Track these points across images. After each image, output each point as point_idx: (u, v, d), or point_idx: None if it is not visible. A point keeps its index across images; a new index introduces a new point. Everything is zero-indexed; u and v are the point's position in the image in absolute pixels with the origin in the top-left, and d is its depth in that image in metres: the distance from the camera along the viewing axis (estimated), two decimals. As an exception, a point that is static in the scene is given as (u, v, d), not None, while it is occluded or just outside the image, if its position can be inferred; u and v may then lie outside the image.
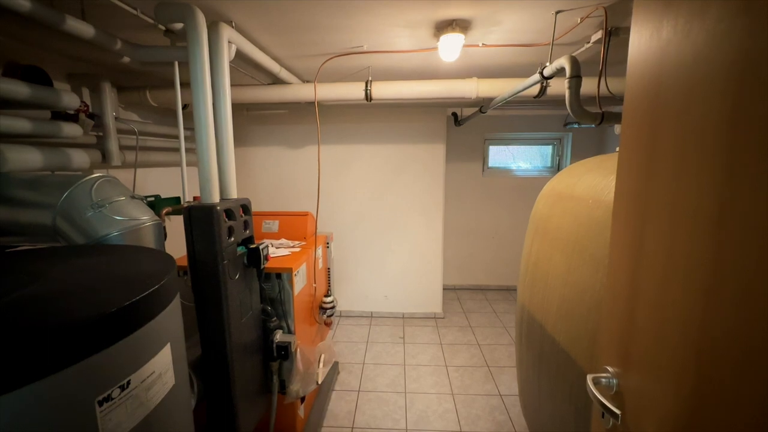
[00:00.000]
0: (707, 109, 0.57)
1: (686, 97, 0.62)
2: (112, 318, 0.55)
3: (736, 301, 0.51)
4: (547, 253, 1.49)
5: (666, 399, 0.64)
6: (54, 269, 0.73)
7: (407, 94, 2.29)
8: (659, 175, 0.68)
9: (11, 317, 0.51)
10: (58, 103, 1.32)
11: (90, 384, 0.51)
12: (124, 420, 0.56)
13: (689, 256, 0.59)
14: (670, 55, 0.65)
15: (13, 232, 1.21)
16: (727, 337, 0.52)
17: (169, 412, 0.68)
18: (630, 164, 0.78)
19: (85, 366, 0.50)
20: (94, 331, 0.52)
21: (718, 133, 0.54)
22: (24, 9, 1.03)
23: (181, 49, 1.51)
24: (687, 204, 0.60)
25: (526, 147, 4.28)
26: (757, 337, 0.47)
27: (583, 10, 1.45)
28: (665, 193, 0.66)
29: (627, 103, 0.78)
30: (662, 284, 0.66)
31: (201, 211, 1.27)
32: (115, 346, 0.55)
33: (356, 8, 1.48)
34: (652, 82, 0.70)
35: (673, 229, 0.64)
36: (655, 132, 0.69)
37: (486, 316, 3.66)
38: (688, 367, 0.60)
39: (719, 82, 0.55)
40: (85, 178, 1.10)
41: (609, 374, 0.80)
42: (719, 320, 0.53)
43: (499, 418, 2.24)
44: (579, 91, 1.40)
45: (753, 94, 0.49)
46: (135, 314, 0.59)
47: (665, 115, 0.67)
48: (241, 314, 1.47)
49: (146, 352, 0.61)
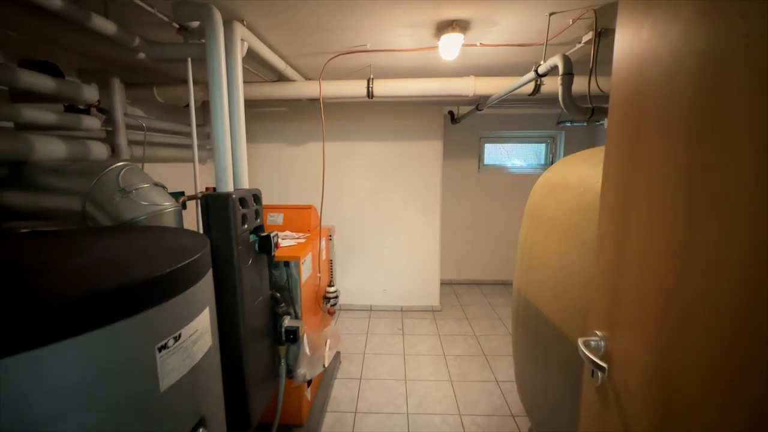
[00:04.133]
0: (679, 104, 0.66)
1: (662, 93, 0.71)
2: (166, 278, 0.63)
3: (703, 270, 0.59)
4: (541, 240, 1.59)
5: (645, 354, 0.74)
6: (99, 243, 0.80)
7: (407, 92, 2.38)
8: (640, 164, 0.77)
9: (82, 278, 0.59)
10: (79, 96, 1.39)
11: (152, 331, 0.59)
12: (176, 367, 0.64)
13: (665, 235, 0.69)
14: (649, 54, 0.74)
15: (38, 216, 1.28)
16: (695, 300, 0.61)
17: (208, 371, 0.77)
18: (615, 155, 0.87)
19: (148, 316, 0.59)
20: (152, 289, 0.60)
21: (689, 126, 0.64)
22: (55, 6, 1.10)
23: (194, 46, 1.59)
24: (664, 190, 0.70)
25: (521, 145, 4.40)
26: (720, 299, 0.56)
27: (574, 12, 1.55)
28: (646, 180, 0.75)
29: (612, 99, 0.88)
30: (641, 259, 0.75)
31: (217, 199, 1.35)
32: (168, 302, 0.63)
33: (362, 9, 1.56)
34: (634, 80, 0.79)
35: (651, 212, 0.73)
36: (636, 125, 0.79)
37: (482, 309, 3.76)
38: (662, 327, 0.69)
39: (690, 78, 0.64)
40: (112, 166, 1.17)
41: (598, 337, 0.89)
42: (689, 287, 0.62)
43: (495, 402, 2.33)
44: (571, 87, 1.50)
45: (718, 89, 0.58)
46: (183, 277, 0.67)
47: (645, 109, 0.76)
48: (253, 299, 1.55)
49: (191, 311, 0.69)
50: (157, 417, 0.62)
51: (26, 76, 1.18)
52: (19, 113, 1.19)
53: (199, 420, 0.72)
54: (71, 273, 0.58)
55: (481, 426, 2.13)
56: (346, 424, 2.14)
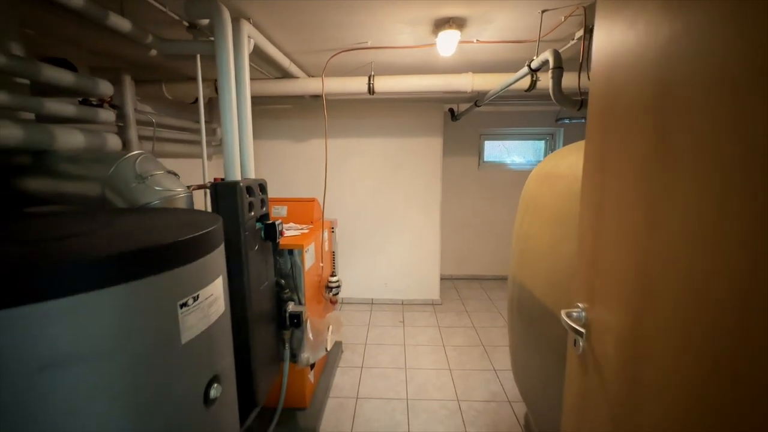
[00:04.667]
0: (641, 96, 0.73)
1: (628, 87, 0.78)
2: (187, 244, 0.71)
3: (664, 246, 0.66)
4: (535, 228, 1.66)
5: (619, 321, 0.81)
6: (124, 219, 0.88)
7: (407, 87, 2.45)
8: (612, 152, 0.84)
9: (117, 241, 0.66)
10: (95, 90, 1.47)
11: (175, 289, 0.67)
12: (194, 325, 0.72)
13: (631, 216, 0.75)
14: (619, 51, 0.81)
15: (58, 201, 1.37)
16: (658, 272, 0.67)
17: (221, 334, 0.84)
18: (592, 144, 0.94)
19: (172, 275, 0.66)
20: (176, 252, 0.68)
21: (649, 117, 0.70)
22: (77, 5, 1.18)
23: (203, 43, 1.67)
24: (630, 175, 0.76)
25: (520, 142, 4.46)
26: (679, 270, 0.63)
27: (566, 9, 1.62)
28: (616, 167, 0.82)
29: (591, 93, 0.94)
30: (614, 238, 0.82)
31: (226, 186, 1.43)
32: (189, 265, 0.71)
33: (362, 6, 1.64)
34: (608, 74, 0.86)
35: (621, 196, 0.79)
36: (609, 116, 0.86)
37: (482, 303, 3.83)
38: (633, 296, 0.76)
39: (649, 73, 0.71)
40: (129, 154, 1.26)
41: (579, 308, 0.96)
42: (653, 260, 0.69)
43: (493, 389, 2.40)
44: (561, 80, 1.56)
45: (674, 83, 0.65)
46: (201, 245, 0.75)
47: (616, 101, 0.83)
48: (259, 283, 1.63)
49: (207, 276, 0.77)
50: (177, 368, 0.69)
51: (48, 70, 1.27)
52: (43, 105, 1.27)
53: (213, 376, 0.80)
54: (107, 238, 0.66)
55: (478, 411, 2.20)
56: (348, 408, 2.22)
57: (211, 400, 0.78)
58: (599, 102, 0.91)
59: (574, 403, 1.01)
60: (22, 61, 1.19)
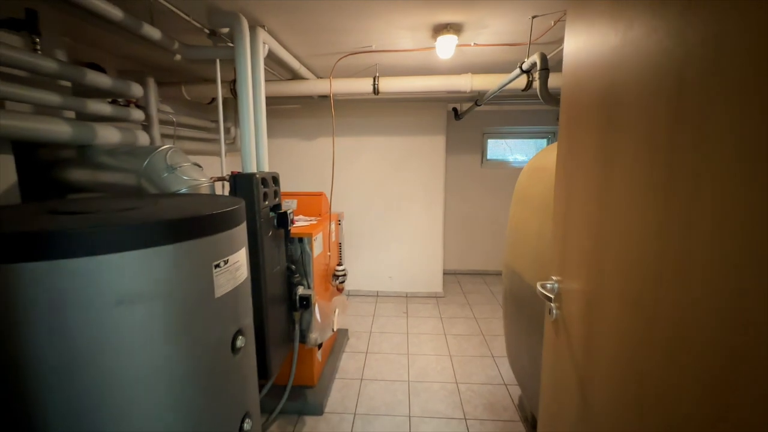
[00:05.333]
0: (594, 97, 0.87)
1: (587, 87, 0.92)
2: (219, 217, 0.87)
3: (610, 226, 0.79)
4: (525, 217, 1.79)
5: (580, 289, 0.94)
6: (164, 200, 1.05)
7: (410, 88, 2.60)
8: (576, 147, 0.98)
9: (166, 212, 0.83)
10: (128, 92, 1.65)
11: (210, 251, 0.83)
12: (224, 284, 0.88)
13: (589, 202, 0.89)
14: (582, 56, 0.95)
15: (95, 189, 1.56)
16: (606, 249, 0.81)
17: (245, 296, 1.00)
18: (563, 139, 1.08)
19: (208, 240, 0.82)
20: (211, 222, 0.84)
21: (602, 115, 0.84)
22: (116, 17, 1.35)
23: (223, 48, 1.84)
24: (589, 167, 0.90)
25: (522, 140, 4.57)
26: (620, 250, 0.76)
27: (555, 15, 1.75)
28: (579, 160, 0.96)
29: (562, 93, 1.08)
30: (577, 221, 0.96)
31: (244, 177, 1.59)
32: (220, 234, 0.86)
33: (366, 14, 1.79)
34: (574, 78, 1.00)
35: (582, 185, 0.93)
36: (574, 114, 0.99)
37: (484, 296, 3.96)
38: (589, 270, 0.89)
39: (601, 76, 0.84)
40: (161, 148, 1.43)
41: (553, 281, 1.10)
42: (604, 239, 0.82)
43: (490, 374, 2.54)
44: (547, 80, 1.70)
45: (617, 86, 0.78)
46: (228, 219, 0.91)
47: (579, 100, 0.97)
48: (272, 266, 1.79)
49: (234, 245, 0.93)
50: (212, 317, 0.85)
51: (90, 75, 1.44)
52: (86, 105, 1.45)
53: (238, 329, 0.96)
54: (158, 211, 0.83)
55: (475, 392, 2.34)
56: (353, 388, 2.37)
57: (237, 348, 0.94)
58: (568, 101, 1.04)
59: (549, 362, 1.15)
60: (69, 67, 1.37)
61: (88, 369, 0.67)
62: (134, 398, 0.72)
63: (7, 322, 0.61)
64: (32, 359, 0.63)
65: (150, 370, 0.73)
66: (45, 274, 0.61)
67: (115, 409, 0.71)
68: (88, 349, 0.67)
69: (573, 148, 1.00)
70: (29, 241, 0.60)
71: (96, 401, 0.69)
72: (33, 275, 0.60)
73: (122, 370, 0.70)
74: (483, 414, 2.14)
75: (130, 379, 0.71)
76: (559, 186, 1.10)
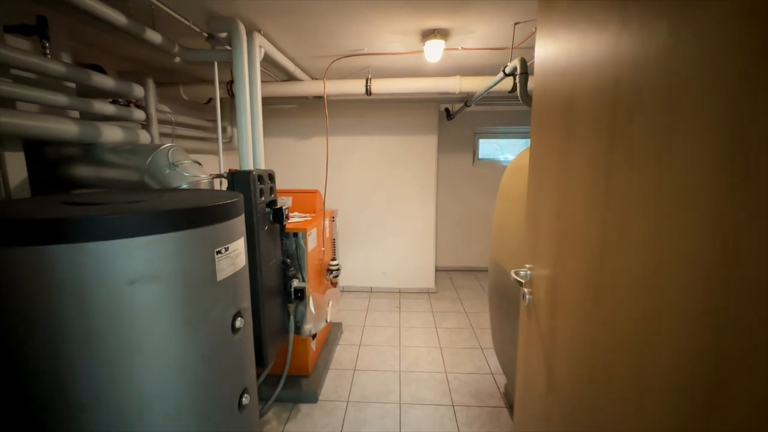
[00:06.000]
0: (558, 101, 0.97)
1: (552, 92, 1.02)
2: (220, 208, 0.96)
3: (567, 218, 0.90)
4: (507, 212, 1.90)
5: (546, 276, 1.05)
6: (167, 195, 1.14)
7: (401, 89, 2.70)
8: (544, 145, 1.08)
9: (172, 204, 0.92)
10: (131, 93, 1.74)
11: (212, 239, 0.92)
12: (225, 268, 0.97)
13: (552, 197, 0.99)
14: (548, 63, 1.05)
15: (99, 185, 1.64)
16: (565, 239, 0.92)
17: (243, 282, 1.10)
18: (534, 139, 1.18)
19: (211, 229, 0.91)
20: (213, 212, 0.93)
21: (564, 117, 0.94)
22: (120, 23, 1.44)
23: (220, 51, 1.92)
24: (553, 165, 1.00)
25: (513, 140, 4.68)
26: (577, 239, 0.87)
27: (535, 22, 1.85)
28: (546, 157, 1.06)
29: (534, 96, 1.18)
30: (546, 212, 1.06)
31: (241, 174, 1.68)
32: (221, 224, 0.96)
33: (358, 19, 1.88)
34: (543, 81, 1.10)
35: (548, 181, 1.03)
36: (543, 116, 1.09)
37: (475, 291, 4.07)
38: (553, 257, 0.99)
39: (562, 82, 0.95)
40: (163, 146, 1.51)
41: (526, 269, 1.20)
42: (564, 231, 0.93)
43: (478, 364, 2.64)
44: (527, 83, 1.80)
45: (575, 91, 0.88)
46: (229, 210, 1.00)
47: (547, 104, 1.07)
48: (268, 259, 1.88)
49: (233, 234, 1.02)
50: (214, 298, 0.94)
51: (96, 77, 1.52)
52: (92, 106, 1.53)
53: (237, 311, 1.05)
54: (165, 203, 0.92)
55: (463, 381, 2.44)
56: (347, 377, 2.47)
57: (236, 329, 1.03)
58: (538, 105, 1.15)
59: (523, 342, 1.25)
60: (76, 69, 1.45)
61: (106, 341, 0.76)
62: (146, 368, 0.81)
63: (41, 299, 0.70)
64: (58, 332, 0.72)
65: (160, 343, 0.82)
66: (73, 255, 0.70)
67: (129, 377, 0.80)
68: (106, 323, 0.76)
69: (542, 148, 1.10)
70: (61, 226, 0.69)
71: (112, 371, 0.78)
72: (63, 256, 0.69)
73: (135, 343, 0.79)
74: (470, 401, 2.24)
75: (142, 351, 0.80)
76: (530, 182, 1.21)
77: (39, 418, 0.74)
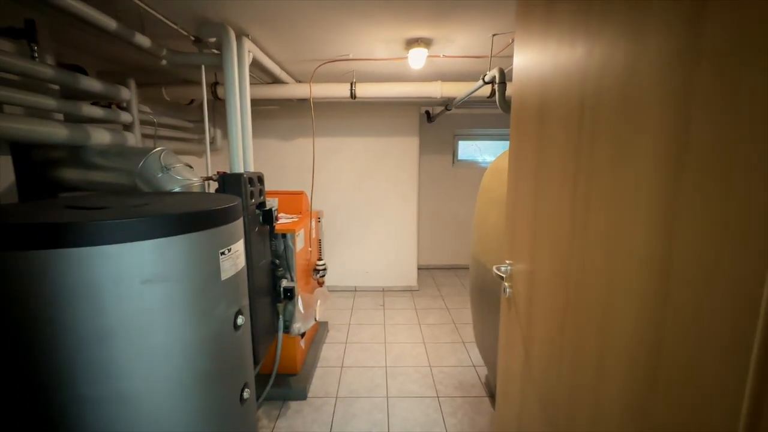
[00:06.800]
0: (533, 108, 1.08)
1: (528, 99, 1.13)
2: (222, 211, 1.01)
3: (543, 218, 1.01)
4: (488, 212, 2.02)
5: (525, 270, 1.15)
6: (166, 197, 1.17)
7: (385, 93, 2.78)
8: (521, 149, 1.19)
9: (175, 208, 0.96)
10: (118, 96, 1.74)
11: (216, 241, 0.97)
12: (228, 269, 1.02)
13: (528, 195, 1.10)
14: (524, 72, 1.16)
15: (87, 188, 1.64)
16: (540, 235, 1.03)
17: (243, 281, 1.15)
18: (513, 143, 1.29)
19: (215, 232, 0.96)
20: (216, 215, 0.98)
21: (537, 121, 1.05)
22: (111, 28, 1.45)
23: (208, 55, 1.95)
24: (529, 167, 1.11)
25: (491, 142, 4.86)
26: (548, 234, 0.98)
27: (512, 34, 1.98)
28: (523, 161, 1.17)
29: (512, 103, 1.29)
30: (523, 212, 1.17)
31: (232, 176, 1.72)
32: (224, 226, 1.01)
33: (345, 27, 1.95)
34: (520, 89, 1.21)
35: (525, 183, 1.14)
36: (520, 122, 1.20)
37: (456, 288, 4.21)
38: (530, 253, 1.10)
39: (537, 91, 1.05)
40: (155, 149, 1.53)
41: (506, 264, 1.31)
42: (539, 227, 1.04)
43: (460, 357, 2.77)
44: (504, 92, 1.93)
45: (550, 100, 0.99)
46: (229, 213, 1.05)
47: (524, 110, 1.18)
48: (258, 260, 1.92)
49: (234, 236, 1.08)
50: (218, 296, 1.00)
51: (84, 80, 1.53)
52: (80, 108, 1.53)
53: (238, 309, 1.10)
54: (167, 206, 0.96)
55: (447, 373, 2.55)
56: (334, 374, 2.53)
57: (238, 325, 1.09)
58: (516, 110, 1.26)
59: (504, 332, 1.36)
60: (64, 72, 1.45)
61: (118, 338, 0.81)
62: (155, 363, 0.86)
63: (55, 300, 0.74)
64: (75, 330, 0.76)
65: (169, 339, 0.87)
66: (87, 258, 0.74)
67: (140, 372, 0.84)
68: (120, 321, 0.80)
69: (519, 151, 1.21)
70: (75, 230, 0.73)
71: (124, 367, 0.82)
72: (77, 259, 0.73)
73: (146, 339, 0.84)
74: (454, 392, 2.35)
75: (153, 346, 0.85)
76: (509, 183, 1.32)
77: (56, 414, 0.78)
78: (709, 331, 0.48)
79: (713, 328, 0.48)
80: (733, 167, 0.45)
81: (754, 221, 0.42)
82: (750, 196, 0.43)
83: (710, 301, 0.48)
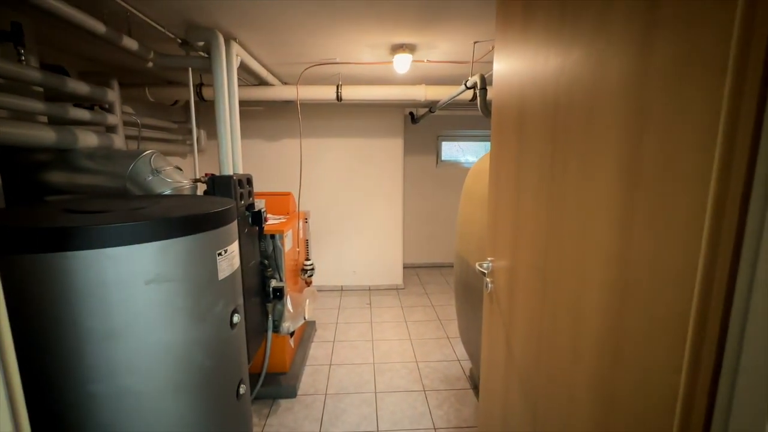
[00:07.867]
0: (513, 112, 1.16)
1: (509, 104, 1.21)
2: (219, 214, 1.05)
3: (522, 215, 1.09)
4: (471, 211, 2.11)
5: (506, 265, 1.24)
6: (162, 200, 1.20)
7: (371, 96, 2.84)
8: (503, 151, 1.27)
9: (173, 211, 1.00)
10: (104, 98, 1.73)
11: (214, 242, 1.01)
12: (225, 269, 1.06)
13: (509, 195, 1.19)
14: (504, 78, 1.24)
15: (74, 191, 1.63)
16: (521, 233, 1.11)
17: (238, 281, 1.19)
18: (494, 145, 1.38)
19: (212, 233, 1.00)
20: (213, 218, 1.02)
21: (517, 123, 1.14)
22: (99, 31, 1.46)
23: (195, 58, 1.96)
24: (510, 167, 1.20)
25: (474, 143, 4.99)
26: (526, 232, 1.06)
27: (492, 41, 2.08)
28: (504, 162, 1.25)
29: (493, 107, 1.37)
30: (505, 210, 1.26)
31: (222, 178, 1.74)
32: (220, 228, 1.05)
33: (331, 33, 2.00)
34: (500, 94, 1.29)
35: (506, 182, 1.23)
36: (501, 125, 1.29)
37: (440, 286, 4.31)
38: (510, 250, 1.19)
39: (516, 96, 1.14)
40: (144, 152, 1.54)
41: (488, 261, 1.39)
42: (518, 225, 1.12)
43: (445, 352, 2.86)
44: (485, 97, 2.02)
45: (528, 106, 1.08)
46: (225, 216, 1.09)
47: (505, 114, 1.26)
48: (248, 261, 1.95)
49: (229, 238, 1.12)
50: (216, 295, 1.04)
51: (71, 83, 1.52)
52: (68, 111, 1.53)
53: (234, 308, 1.14)
54: (163, 210, 1.00)
55: (433, 368, 2.64)
56: (323, 372, 2.58)
57: (234, 324, 1.13)
58: (496, 113, 1.34)
59: (487, 327, 1.45)
60: (51, 75, 1.45)
61: (124, 336, 0.84)
62: (158, 360, 0.90)
63: (64, 300, 0.77)
64: (82, 329, 0.79)
65: (171, 336, 0.91)
66: (94, 260, 0.77)
67: (143, 369, 0.88)
68: (125, 320, 0.84)
69: (500, 153, 1.29)
70: (83, 234, 0.76)
71: (129, 364, 0.86)
72: (85, 261, 0.76)
73: (150, 337, 0.88)
74: (439, 386, 2.44)
75: (156, 344, 0.89)
76: (491, 184, 1.40)
77: (65, 410, 0.81)
78: (657, 310, 0.57)
79: (661, 308, 0.56)
80: (678, 174, 0.54)
81: (694, 221, 0.50)
82: (691, 199, 0.51)
83: (658, 287, 0.57)
